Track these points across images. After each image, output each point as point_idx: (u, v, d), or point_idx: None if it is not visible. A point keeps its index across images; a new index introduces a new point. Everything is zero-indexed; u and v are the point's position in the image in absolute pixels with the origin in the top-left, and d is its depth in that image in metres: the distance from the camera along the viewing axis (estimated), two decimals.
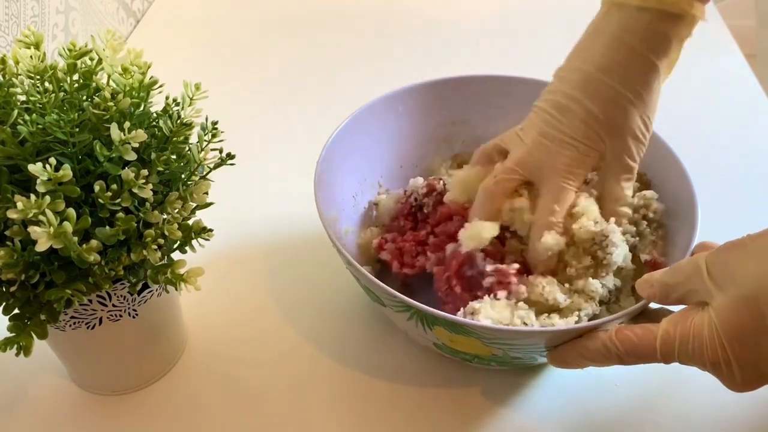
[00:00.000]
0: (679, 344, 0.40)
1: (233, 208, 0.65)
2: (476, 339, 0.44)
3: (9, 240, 0.38)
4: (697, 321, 0.39)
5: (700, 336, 0.39)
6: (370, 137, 0.60)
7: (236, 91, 0.82)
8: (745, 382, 0.38)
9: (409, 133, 0.62)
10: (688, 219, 0.50)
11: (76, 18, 0.81)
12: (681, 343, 0.40)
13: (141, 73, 0.43)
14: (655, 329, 0.41)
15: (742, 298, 0.38)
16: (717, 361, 0.38)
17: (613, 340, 0.42)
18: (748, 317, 0.37)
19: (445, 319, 0.44)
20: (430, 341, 0.48)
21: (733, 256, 0.39)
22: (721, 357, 0.38)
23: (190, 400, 0.51)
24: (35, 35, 0.41)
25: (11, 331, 0.40)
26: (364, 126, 0.59)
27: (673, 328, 0.40)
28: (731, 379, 0.39)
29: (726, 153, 0.74)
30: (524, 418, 0.50)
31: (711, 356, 0.38)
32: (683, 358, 0.40)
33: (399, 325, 0.51)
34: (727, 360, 0.38)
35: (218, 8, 1.00)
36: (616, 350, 0.42)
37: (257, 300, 0.58)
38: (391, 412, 0.51)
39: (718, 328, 0.38)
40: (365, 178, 0.60)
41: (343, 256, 0.47)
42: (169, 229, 0.41)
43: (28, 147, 0.39)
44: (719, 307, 0.39)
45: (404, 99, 0.61)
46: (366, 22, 0.96)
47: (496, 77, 0.62)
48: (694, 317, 0.40)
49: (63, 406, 0.50)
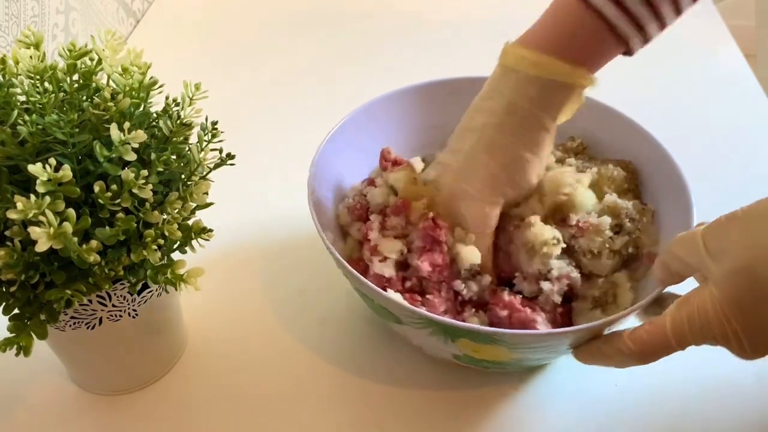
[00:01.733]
0: (689, 325, 0.40)
1: (233, 209, 0.65)
2: (503, 346, 0.45)
3: (9, 240, 0.38)
4: (700, 299, 0.40)
5: (705, 312, 0.39)
6: (367, 138, 0.60)
7: (236, 91, 0.82)
8: (754, 350, 0.39)
9: (406, 133, 0.62)
10: (681, 209, 0.51)
11: (76, 18, 0.81)
12: (690, 323, 0.40)
13: (141, 74, 0.43)
14: (662, 321, 0.42)
15: (739, 270, 0.38)
16: (725, 334, 0.39)
17: (627, 343, 0.43)
18: (747, 287, 0.38)
19: (473, 331, 0.44)
20: (449, 353, 0.48)
21: (726, 229, 0.40)
22: (728, 329, 0.38)
23: (190, 400, 0.51)
24: (35, 35, 0.41)
25: (11, 331, 0.40)
26: (361, 127, 0.59)
27: (678, 313, 0.41)
28: (741, 349, 0.39)
29: (726, 153, 0.74)
30: (525, 418, 0.50)
31: (719, 330, 0.39)
32: (696, 338, 0.40)
33: (414, 341, 0.51)
34: (735, 331, 0.38)
35: (218, 8, 1.00)
36: (631, 352, 0.42)
37: (257, 300, 0.58)
38: (388, 416, 0.51)
39: (720, 302, 0.39)
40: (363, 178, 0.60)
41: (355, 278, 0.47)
42: (169, 229, 0.41)
43: (28, 147, 0.39)
44: (718, 281, 0.39)
45: (402, 100, 0.61)
46: (366, 23, 0.97)
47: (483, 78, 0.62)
48: (696, 296, 0.40)
49: (63, 406, 0.51)
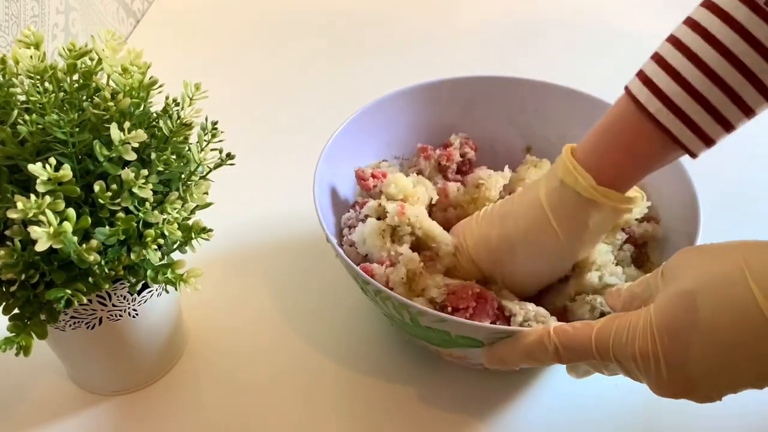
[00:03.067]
0: (615, 335, 0.39)
1: (233, 208, 0.65)
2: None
3: (9, 240, 0.38)
4: (635, 315, 0.39)
5: (635, 327, 0.38)
6: (370, 138, 0.60)
7: (236, 91, 0.82)
8: (670, 383, 0.37)
9: (409, 133, 0.62)
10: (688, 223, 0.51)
11: (76, 18, 0.81)
12: (617, 333, 0.38)
13: (141, 73, 0.43)
14: (592, 324, 0.40)
15: (680, 293, 0.37)
16: (646, 353, 0.37)
17: (550, 333, 0.41)
18: (682, 311, 0.36)
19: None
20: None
21: (685, 258, 0.39)
22: (650, 349, 0.37)
23: (190, 400, 0.51)
24: (35, 35, 0.41)
25: (11, 331, 0.40)
26: (365, 127, 0.59)
27: (611, 321, 0.39)
28: (658, 378, 0.37)
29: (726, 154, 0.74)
30: (525, 419, 0.50)
31: (641, 346, 0.37)
32: (617, 351, 0.38)
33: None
34: (656, 353, 0.37)
35: (218, 8, 1.00)
36: (552, 344, 0.41)
37: (257, 300, 0.58)
38: (393, 413, 0.51)
39: (652, 320, 0.37)
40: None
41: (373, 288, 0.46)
42: (169, 229, 0.41)
43: (28, 147, 0.39)
44: (658, 301, 0.38)
45: (405, 100, 0.61)
46: (366, 23, 0.96)
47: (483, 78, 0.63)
48: (634, 313, 0.39)
49: (63, 406, 0.51)
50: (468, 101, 0.63)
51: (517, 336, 0.43)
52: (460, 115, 0.63)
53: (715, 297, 0.35)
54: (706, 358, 0.35)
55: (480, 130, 0.62)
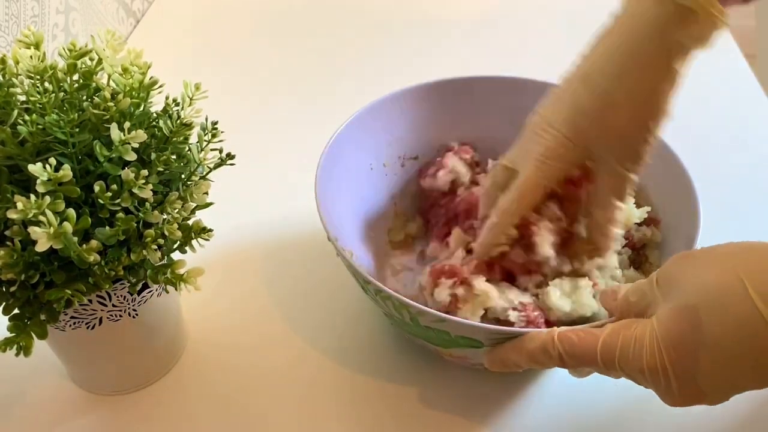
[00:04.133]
0: (621, 348, 0.39)
1: (233, 208, 0.65)
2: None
3: (9, 240, 0.38)
4: (640, 328, 0.38)
5: (641, 341, 0.38)
6: (371, 137, 0.60)
7: (236, 91, 0.82)
8: (682, 395, 0.37)
9: (411, 132, 0.62)
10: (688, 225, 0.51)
11: (76, 18, 0.81)
12: (622, 347, 0.38)
13: (141, 73, 0.43)
14: (598, 333, 0.40)
15: (683, 309, 0.37)
16: (655, 368, 0.37)
17: (554, 340, 0.41)
18: (688, 327, 0.36)
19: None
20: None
21: (681, 266, 0.39)
22: (659, 364, 0.37)
23: (190, 400, 0.51)
24: (35, 35, 0.41)
25: (11, 331, 0.40)
26: (366, 126, 0.59)
27: (616, 333, 0.39)
28: (668, 390, 0.37)
29: (726, 153, 0.74)
30: (526, 419, 0.50)
31: (649, 362, 0.37)
32: (623, 364, 0.39)
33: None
34: (665, 368, 0.37)
35: (218, 8, 1.00)
36: (557, 350, 0.41)
37: (257, 300, 0.58)
38: (393, 413, 0.50)
39: (658, 336, 0.37)
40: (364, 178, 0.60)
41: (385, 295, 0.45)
42: (169, 229, 0.41)
43: (28, 147, 0.39)
44: (661, 316, 0.38)
45: (407, 100, 0.61)
46: (366, 22, 0.96)
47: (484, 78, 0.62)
48: (638, 325, 0.39)
49: (63, 406, 0.50)
50: (469, 101, 0.63)
51: (521, 340, 0.43)
52: (461, 115, 0.63)
53: (719, 314, 0.36)
54: (715, 372, 0.36)
55: (481, 130, 0.62)
